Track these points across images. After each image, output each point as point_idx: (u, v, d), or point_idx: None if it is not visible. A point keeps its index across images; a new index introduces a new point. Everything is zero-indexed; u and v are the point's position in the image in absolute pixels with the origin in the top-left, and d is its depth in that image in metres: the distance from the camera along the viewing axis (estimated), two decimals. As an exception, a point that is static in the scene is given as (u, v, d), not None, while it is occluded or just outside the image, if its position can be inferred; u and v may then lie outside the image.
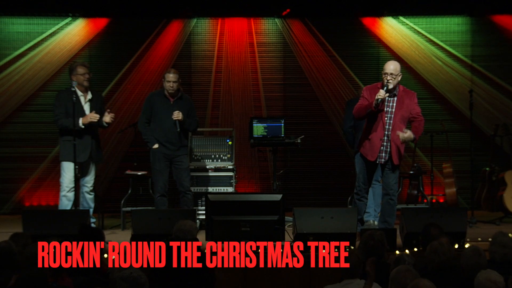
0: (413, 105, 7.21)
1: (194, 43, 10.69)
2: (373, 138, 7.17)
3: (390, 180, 7.28)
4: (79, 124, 7.77)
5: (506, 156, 9.95)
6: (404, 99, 7.17)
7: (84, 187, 8.01)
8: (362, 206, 7.39)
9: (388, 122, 7.13)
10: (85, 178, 7.99)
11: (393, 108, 7.14)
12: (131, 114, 10.32)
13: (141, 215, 7.05)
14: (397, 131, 7.09)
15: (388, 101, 7.15)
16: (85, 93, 7.98)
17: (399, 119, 7.12)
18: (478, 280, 4.14)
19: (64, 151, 7.86)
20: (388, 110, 7.14)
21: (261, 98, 10.65)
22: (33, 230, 6.60)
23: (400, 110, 7.12)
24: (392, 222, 7.35)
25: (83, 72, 7.89)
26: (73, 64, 8.07)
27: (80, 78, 7.88)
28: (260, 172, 10.44)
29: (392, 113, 7.13)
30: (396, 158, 7.18)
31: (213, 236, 6.77)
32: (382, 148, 7.18)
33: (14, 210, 10.14)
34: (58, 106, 7.87)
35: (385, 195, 7.36)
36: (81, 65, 7.97)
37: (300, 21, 10.70)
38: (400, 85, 7.21)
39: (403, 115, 7.14)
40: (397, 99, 7.15)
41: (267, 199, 6.94)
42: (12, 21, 10.49)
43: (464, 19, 10.75)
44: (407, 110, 7.15)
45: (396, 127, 7.11)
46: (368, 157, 7.23)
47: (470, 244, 6.62)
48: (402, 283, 4.13)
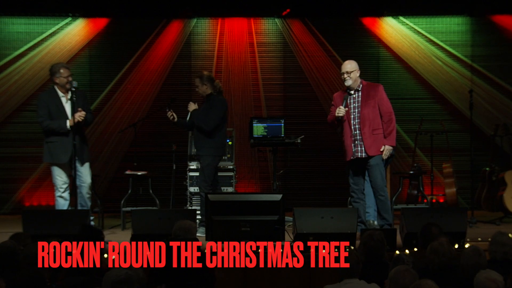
0: (380, 96, 7.41)
1: (194, 43, 10.69)
2: (345, 138, 7.45)
3: (375, 176, 7.39)
4: (66, 127, 7.67)
5: (506, 156, 9.95)
6: (369, 91, 7.43)
7: (81, 187, 7.96)
8: (360, 207, 7.42)
9: (355, 117, 7.37)
10: (81, 177, 7.90)
11: (358, 102, 7.41)
12: (131, 114, 10.33)
13: (141, 215, 7.05)
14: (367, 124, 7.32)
15: (353, 98, 7.45)
16: (65, 94, 7.84)
17: (367, 110, 7.35)
18: (477, 279, 4.14)
19: (47, 153, 7.81)
20: (354, 106, 7.41)
21: (261, 98, 10.65)
22: (33, 230, 6.60)
23: (366, 102, 7.38)
24: (389, 217, 7.45)
25: (66, 74, 7.76)
26: (56, 66, 7.87)
27: (63, 81, 7.76)
28: (260, 172, 10.44)
29: (359, 107, 7.38)
30: (372, 149, 7.33)
31: (213, 236, 6.77)
32: (356, 143, 7.37)
33: (14, 210, 10.14)
34: (41, 107, 7.79)
35: (374, 193, 7.45)
36: (64, 67, 7.82)
37: (300, 21, 10.70)
38: (363, 80, 7.51)
39: (371, 106, 7.37)
40: (362, 93, 7.43)
41: (267, 199, 6.94)
42: (12, 21, 10.49)
43: (464, 19, 10.75)
44: (374, 100, 7.38)
45: (366, 119, 7.34)
46: (345, 158, 7.48)
47: (470, 244, 6.62)
48: (401, 283, 4.13)
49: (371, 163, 7.36)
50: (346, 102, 7.40)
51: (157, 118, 10.19)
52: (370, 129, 7.34)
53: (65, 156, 7.75)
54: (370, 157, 7.36)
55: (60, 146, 7.70)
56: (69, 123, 7.69)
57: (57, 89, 7.84)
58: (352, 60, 7.56)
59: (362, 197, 7.50)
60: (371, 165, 7.37)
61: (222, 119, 8.12)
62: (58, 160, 7.75)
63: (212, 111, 8.07)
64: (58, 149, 7.73)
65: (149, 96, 10.49)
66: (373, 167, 7.36)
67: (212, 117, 8.08)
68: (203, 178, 8.14)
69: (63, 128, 7.68)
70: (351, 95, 7.44)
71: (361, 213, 7.44)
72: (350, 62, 7.51)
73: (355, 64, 7.48)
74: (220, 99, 8.18)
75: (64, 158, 7.75)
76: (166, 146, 9.51)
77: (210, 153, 8.12)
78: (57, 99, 7.79)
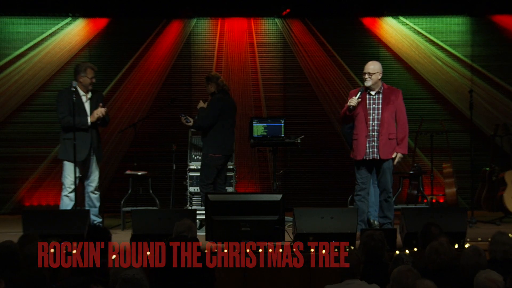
0: (399, 102, 7.44)
1: (194, 43, 10.69)
2: (359, 137, 7.41)
3: (386, 179, 7.41)
4: (87, 122, 7.82)
5: (506, 156, 9.95)
6: (390, 96, 7.42)
7: (88, 187, 8.03)
8: (363, 207, 7.42)
9: (374, 118, 7.36)
10: (90, 177, 8.01)
11: (379, 105, 7.40)
12: (131, 114, 10.32)
13: (141, 215, 7.05)
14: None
15: (374, 99, 7.41)
16: (86, 93, 8.04)
17: (387, 114, 7.36)
18: (477, 279, 4.14)
19: (63, 149, 7.87)
20: (374, 107, 7.39)
21: (261, 98, 10.64)
22: (33, 230, 6.58)
23: (387, 105, 7.37)
24: (392, 216, 7.48)
25: (91, 76, 7.97)
26: (83, 65, 8.06)
27: (87, 81, 7.96)
28: (260, 172, 10.44)
29: (379, 109, 7.37)
30: (386, 152, 7.33)
31: (213, 236, 6.77)
32: (372, 144, 7.35)
33: (14, 210, 10.13)
34: (62, 104, 7.87)
35: (382, 193, 7.46)
36: (91, 68, 8.00)
37: (300, 21, 10.69)
38: (384, 84, 7.48)
39: (391, 110, 7.39)
40: (383, 96, 7.40)
41: (267, 199, 6.94)
42: (12, 21, 10.49)
43: (464, 19, 10.74)
44: (393, 105, 7.39)
45: (385, 122, 7.34)
46: (357, 157, 7.42)
47: (470, 244, 6.62)
48: (404, 283, 4.14)
49: (384, 166, 7.39)
50: (361, 95, 7.35)
51: (157, 118, 10.21)
52: (387, 133, 7.36)
53: (82, 154, 7.82)
54: (382, 160, 7.37)
55: (78, 143, 7.76)
56: (90, 119, 7.83)
57: (78, 87, 7.94)
58: (377, 62, 7.55)
59: (367, 197, 7.51)
60: (384, 168, 7.39)
61: (219, 117, 8.13)
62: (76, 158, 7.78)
63: (207, 110, 8.17)
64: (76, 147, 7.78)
65: (149, 96, 10.49)
66: (385, 170, 7.39)
67: (205, 116, 8.16)
68: (201, 177, 8.20)
69: (84, 124, 7.80)
70: (371, 96, 7.41)
71: (365, 211, 7.44)
72: (374, 63, 7.49)
73: (379, 67, 7.45)
74: (216, 98, 8.23)
75: (80, 156, 7.82)
76: (166, 146, 9.51)
77: (209, 151, 8.16)
78: (77, 98, 7.87)
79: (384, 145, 7.34)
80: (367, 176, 7.46)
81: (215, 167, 8.21)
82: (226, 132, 8.27)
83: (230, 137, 8.39)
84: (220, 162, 8.26)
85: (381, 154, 7.34)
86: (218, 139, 8.19)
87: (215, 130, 8.19)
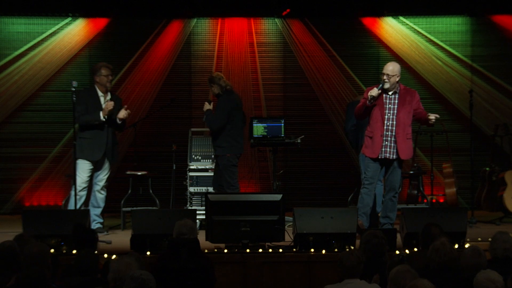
0: (416, 102, 7.52)
1: (194, 43, 10.69)
2: (375, 135, 7.40)
3: (396, 176, 7.47)
4: (100, 118, 7.84)
5: (506, 156, 9.95)
6: (406, 96, 7.45)
7: (96, 185, 8.06)
8: (368, 200, 7.44)
9: (390, 118, 7.38)
10: (98, 176, 8.04)
11: (395, 105, 7.41)
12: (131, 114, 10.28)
13: (141, 215, 7.05)
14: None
15: (390, 99, 7.42)
16: (105, 94, 8.07)
17: (403, 114, 7.39)
18: (477, 280, 4.14)
19: (79, 148, 7.87)
20: (390, 107, 7.40)
21: (261, 98, 10.64)
22: (33, 230, 6.60)
23: (403, 106, 7.40)
24: (394, 217, 7.51)
25: (106, 73, 8.00)
26: (97, 65, 8.13)
27: (104, 80, 8.01)
28: (260, 172, 10.43)
29: (395, 109, 7.40)
30: (403, 153, 7.38)
31: (213, 236, 6.77)
32: (386, 144, 7.37)
33: (14, 210, 10.13)
34: (80, 103, 7.87)
35: (389, 192, 7.48)
36: (105, 67, 8.05)
37: (300, 21, 10.69)
38: (401, 84, 7.50)
39: (407, 111, 7.41)
40: (399, 96, 7.43)
41: (267, 199, 6.94)
42: (12, 21, 10.48)
43: (464, 19, 10.75)
44: (410, 106, 7.43)
45: (401, 123, 7.37)
46: (370, 154, 7.43)
47: (470, 244, 6.62)
48: (402, 283, 4.13)
49: (396, 165, 7.43)
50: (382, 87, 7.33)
51: (157, 118, 10.21)
52: (404, 133, 7.39)
53: (97, 154, 7.89)
54: (396, 159, 7.40)
55: (93, 143, 7.84)
56: (102, 114, 7.85)
57: (97, 88, 8.02)
58: (396, 64, 7.51)
59: (373, 192, 7.52)
60: (395, 167, 7.43)
61: (228, 117, 8.14)
62: (91, 157, 7.88)
63: (216, 112, 8.20)
64: (91, 146, 7.87)
65: (149, 96, 10.49)
66: (396, 169, 7.44)
67: (214, 118, 8.16)
68: (226, 180, 8.15)
69: (97, 120, 7.84)
70: (388, 95, 7.41)
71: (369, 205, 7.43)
72: (393, 65, 7.45)
73: (398, 69, 7.42)
74: (223, 99, 8.23)
75: (96, 155, 7.88)
76: (166, 146, 9.51)
77: (225, 152, 8.16)
78: (96, 98, 7.96)
79: (403, 145, 7.36)
80: (376, 171, 7.46)
81: (235, 166, 8.24)
82: (238, 131, 8.27)
83: (241, 135, 8.37)
84: (236, 161, 8.27)
85: (401, 155, 7.36)
86: (230, 140, 8.18)
87: (227, 131, 8.18)
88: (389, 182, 7.48)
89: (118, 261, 4.51)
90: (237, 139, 8.23)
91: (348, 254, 4.85)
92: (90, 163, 7.93)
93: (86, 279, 4.77)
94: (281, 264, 6.57)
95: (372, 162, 7.45)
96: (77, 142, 7.88)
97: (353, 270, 4.77)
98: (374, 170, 7.45)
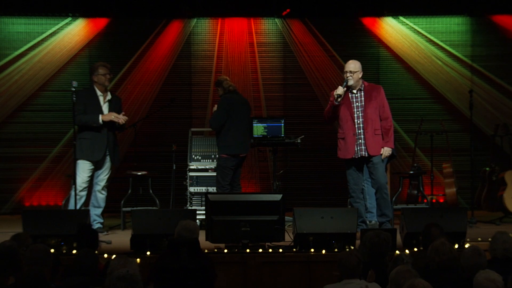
0: (382, 98, 7.53)
1: (194, 43, 10.69)
2: (347, 135, 7.47)
3: (379, 173, 7.45)
4: (99, 121, 7.85)
5: (506, 156, 9.95)
6: (372, 92, 7.52)
7: (96, 186, 8.06)
8: (360, 207, 7.43)
9: (359, 115, 7.44)
10: (99, 176, 8.05)
11: (361, 102, 7.48)
12: (131, 114, 10.29)
13: (141, 215, 7.04)
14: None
15: (356, 97, 7.50)
16: (104, 93, 8.08)
17: (370, 110, 7.44)
18: (477, 279, 4.14)
19: (78, 149, 7.88)
20: (358, 105, 7.48)
21: (261, 98, 10.65)
22: (33, 230, 6.59)
23: (370, 102, 7.46)
24: (390, 213, 7.54)
25: (104, 72, 8.02)
26: (95, 64, 8.16)
27: (102, 79, 8.02)
28: (260, 172, 10.44)
29: (362, 107, 7.45)
30: (372, 149, 7.39)
31: (213, 236, 6.77)
32: (359, 142, 7.42)
33: (14, 210, 10.13)
34: (78, 103, 7.86)
35: (377, 191, 7.47)
36: (102, 66, 8.07)
37: (300, 21, 10.70)
38: (365, 82, 7.58)
39: (374, 107, 7.46)
40: (365, 93, 7.50)
41: (267, 199, 6.93)
42: (12, 21, 10.49)
43: (464, 19, 10.75)
44: (376, 101, 7.47)
45: (369, 119, 7.42)
46: (346, 156, 7.48)
47: (470, 244, 6.62)
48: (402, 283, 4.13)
49: (374, 161, 7.43)
50: (346, 84, 7.41)
51: (157, 118, 10.21)
52: (372, 129, 7.42)
53: (97, 155, 7.92)
54: (371, 156, 7.41)
55: (93, 143, 7.85)
56: (101, 118, 7.85)
57: (96, 88, 8.03)
58: (357, 61, 7.59)
59: (361, 197, 7.55)
60: (374, 163, 7.43)
61: (228, 118, 8.14)
62: (91, 157, 7.89)
63: (215, 112, 8.25)
64: (91, 146, 7.88)
65: (149, 96, 10.50)
66: (376, 165, 7.43)
67: (212, 117, 8.24)
68: (217, 179, 8.24)
69: (95, 122, 7.85)
70: (354, 94, 7.48)
71: (362, 212, 7.46)
72: (354, 62, 7.55)
73: (359, 65, 7.52)
74: (222, 99, 8.29)
75: (96, 156, 7.90)
76: (166, 146, 9.50)
77: (220, 153, 8.19)
78: (95, 98, 7.98)
79: (371, 141, 7.40)
80: (358, 176, 7.52)
81: (229, 168, 8.22)
82: (236, 132, 8.23)
83: (240, 136, 8.29)
84: (233, 163, 8.24)
85: (370, 151, 7.40)
86: (228, 140, 8.19)
87: (225, 131, 8.20)
88: (375, 182, 7.48)
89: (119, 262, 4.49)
90: (237, 139, 8.22)
91: (347, 254, 4.85)
92: (91, 163, 7.94)
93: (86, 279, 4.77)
94: (281, 264, 6.57)
95: (352, 166, 7.48)
96: (77, 142, 7.88)
97: (352, 270, 4.78)
98: (356, 175, 7.50)
